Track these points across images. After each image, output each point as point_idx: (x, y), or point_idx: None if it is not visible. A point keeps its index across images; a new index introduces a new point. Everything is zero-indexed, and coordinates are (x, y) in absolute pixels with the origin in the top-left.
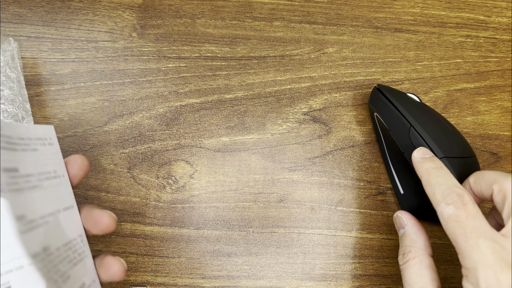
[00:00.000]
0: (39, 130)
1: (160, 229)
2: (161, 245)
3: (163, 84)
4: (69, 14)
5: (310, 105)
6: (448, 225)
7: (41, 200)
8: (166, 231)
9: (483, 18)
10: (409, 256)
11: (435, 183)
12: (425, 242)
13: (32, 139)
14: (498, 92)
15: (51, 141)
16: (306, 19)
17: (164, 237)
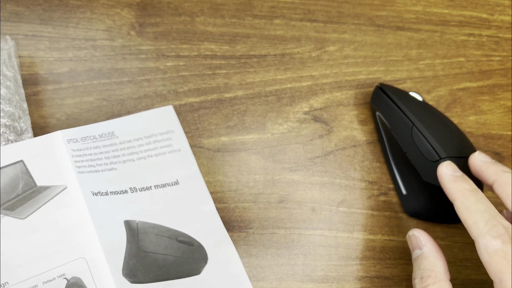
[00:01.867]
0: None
1: None
2: None
3: (162, 83)
4: (67, 13)
5: (311, 105)
6: (493, 260)
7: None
8: None
9: (485, 16)
10: (428, 281)
11: (475, 210)
12: (445, 266)
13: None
14: (501, 91)
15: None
16: (307, 17)
17: None
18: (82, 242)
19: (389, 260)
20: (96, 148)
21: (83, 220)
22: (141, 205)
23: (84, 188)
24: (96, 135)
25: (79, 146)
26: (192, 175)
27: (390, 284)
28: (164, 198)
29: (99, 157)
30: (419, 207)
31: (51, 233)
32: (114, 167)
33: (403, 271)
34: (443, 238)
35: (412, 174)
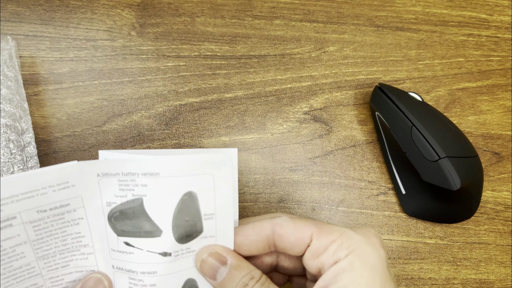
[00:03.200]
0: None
1: None
2: None
3: (162, 83)
4: (68, 13)
5: (310, 105)
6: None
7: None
8: None
9: (485, 16)
10: (251, 284)
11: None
12: (253, 265)
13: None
14: (500, 91)
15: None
16: (307, 17)
17: None
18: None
19: (388, 260)
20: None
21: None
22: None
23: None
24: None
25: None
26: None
27: None
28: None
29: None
30: (418, 206)
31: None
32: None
33: (403, 271)
34: (443, 237)
35: (411, 174)
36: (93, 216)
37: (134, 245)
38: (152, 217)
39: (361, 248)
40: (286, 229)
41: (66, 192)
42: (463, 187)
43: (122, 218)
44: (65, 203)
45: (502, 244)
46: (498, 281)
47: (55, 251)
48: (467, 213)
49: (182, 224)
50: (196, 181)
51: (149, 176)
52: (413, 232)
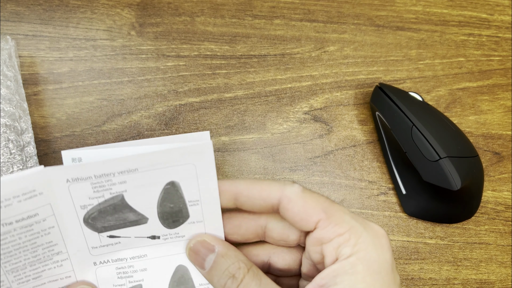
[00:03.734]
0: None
1: None
2: None
3: (162, 83)
4: (67, 12)
5: (311, 104)
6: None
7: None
8: None
9: (485, 16)
10: (241, 273)
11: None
12: (244, 256)
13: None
14: (501, 91)
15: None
16: (307, 17)
17: None
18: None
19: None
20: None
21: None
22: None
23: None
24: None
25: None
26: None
27: None
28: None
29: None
30: (418, 206)
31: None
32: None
33: (403, 271)
34: (443, 237)
35: (411, 174)
36: (65, 222)
37: (120, 235)
38: (136, 208)
39: (367, 250)
40: (293, 205)
41: (33, 202)
42: (463, 187)
43: (102, 216)
44: (33, 213)
45: (502, 244)
46: (499, 281)
47: (24, 263)
48: (468, 213)
49: (167, 211)
50: (178, 171)
51: (126, 173)
52: (414, 232)
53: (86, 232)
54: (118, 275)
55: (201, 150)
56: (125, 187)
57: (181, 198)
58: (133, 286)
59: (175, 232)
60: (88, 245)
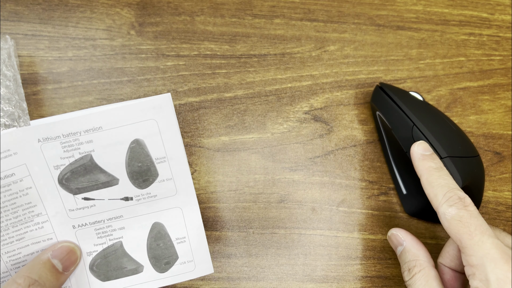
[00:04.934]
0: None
1: None
2: None
3: (162, 82)
4: (67, 12)
5: (311, 104)
6: (452, 225)
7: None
8: None
9: (486, 15)
10: (415, 271)
11: (437, 184)
12: (427, 255)
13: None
14: (501, 90)
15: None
16: (307, 16)
17: None
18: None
19: (389, 260)
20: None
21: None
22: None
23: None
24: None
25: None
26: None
27: (390, 284)
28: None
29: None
30: (419, 206)
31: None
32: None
33: None
34: (444, 238)
35: (412, 174)
36: (42, 183)
37: (94, 197)
38: (106, 169)
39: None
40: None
41: (9, 161)
42: (464, 187)
43: (74, 177)
44: (10, 173)
45: None
46: None
47: (7, 224)
48: None
49: (136, 170)
50: (140, 127)
51: (92, 132)
52: (414, 232)
53: (62, 193)
54: (98, 235)
55: (160, 103)
56: (92, 146)
57: (148, 156)
58: (113, 243)
59: (146, 192)
60: (65, 207)
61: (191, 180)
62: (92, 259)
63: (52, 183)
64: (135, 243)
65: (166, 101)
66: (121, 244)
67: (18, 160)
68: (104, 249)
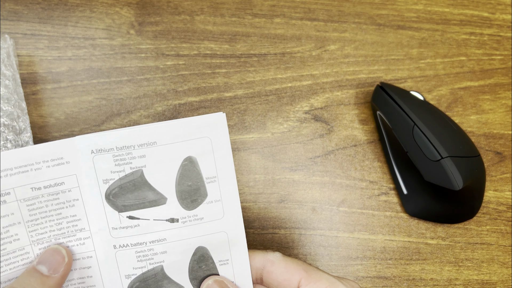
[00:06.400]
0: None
1: None
2: None
3: (162, 82)
4: (66, 11)
5: (311, 104)
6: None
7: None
8: None
9: (487, 15)
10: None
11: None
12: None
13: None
14: (502, 90)
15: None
16: (307, 16)
17: None
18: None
19: (390, 260)
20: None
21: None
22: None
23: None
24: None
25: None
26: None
27: (391, 284)
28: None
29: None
30: (420, 207)
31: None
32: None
33: (404, 271)
34: (444, 238)
35: (413, 174)
36: (89, 196)
37: (139, 217)
38: (155, 186)
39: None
40: (277, 267)
41: (60, 169)
42: (465, 187)
43: (122, 193)
44: (60, 182)
45: (504, 245)
46: (500, 282)
47: (50, 235)
48: (469, 214)
49: (185, 189)
50: (194, 145)
51: (146, 147)
52: (415, 233)
53: (108, 209)
54: (138, 258)
55: (215, 120)
56: (144, 162)
57: (199, 175)
58: (154, 267)
59: (193, 214)
60: (109, 225)
61: (239, 203)
62: (131, 282)
63: (99, 197)
64: (177, 267)
65: (221, 119)
66: (162, 268)
67: (69, 169)
68: (144, 273)
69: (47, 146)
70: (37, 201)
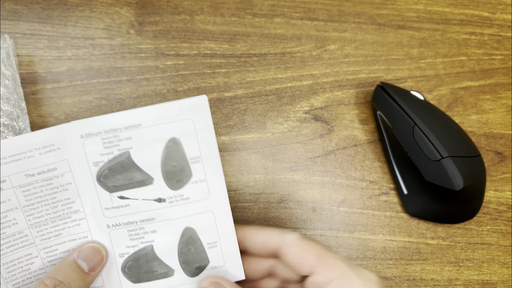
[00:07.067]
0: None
1: None
2: None
3: (161, 82)
4: (66, 11)
5: (311, 104)
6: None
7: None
8: None
9: (487, 15)
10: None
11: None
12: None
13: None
14: (503, 90)
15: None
16: (308, 15)
17: None
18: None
19: (390, 261)
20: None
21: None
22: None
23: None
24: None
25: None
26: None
27: (391, 284)
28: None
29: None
30: (420, 207)
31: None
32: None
33: (404, 272)
34: (445, 238)
35: (413, 174)
36: (81, 179)
37: (129, 196)
38: (142, 167)
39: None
40: (291, 250)
41: (52, 155)
42: (465, 187)
43: (112, 174)
44: (52, 167)
45: (504, 245)
46: (501, 282)
47: (46, 218)
48: (470, 214)
49: (171, 170)
50: (178, 126)
51: (131, 129)
52: (415, 233)
53: (100, 191)
54: (130, 236)
55: (197, 103)
56: (130, 143)
57: (183, 155)
58: (144, 247)
59: (179, 194)
60: (101, 205)
61: (224, 183)
62: (124, 261)
63: (90, 179)
64: (166, 247)
65: (203, 102)
66: (152, 248)
67: (61, 155)
68: (136, 252)
69: (38, 134)
70: (32, 187)
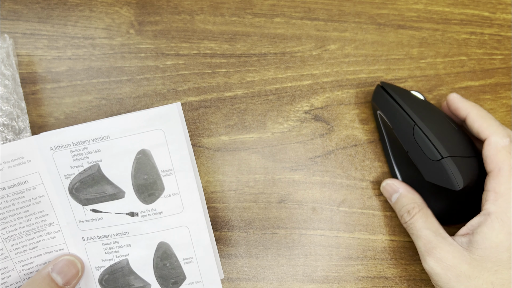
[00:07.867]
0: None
1: None
2: None
3: (161, 81)
4: (66, 11)
5: (311, 103)
6: (500, 153)
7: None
8: None
9: (487, 14)
10: (414, 211)
11: (490, 117)
12: (421, 198)
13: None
14: (503, 90)
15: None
16: (308, 15)
17: None
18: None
19: (390, 261)
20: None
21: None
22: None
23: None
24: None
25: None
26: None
27: (391, 284)
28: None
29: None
30: None
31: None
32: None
33: (405, 271)
34: None
35: (413, 174)
36: (54, 191)
37: (102, 210)
38: (112, 180)
39: (505, 213)
40: (487, 150)
41: (22, 168)
42: (466, 187)
43: (84, 187)
44: (23, 180)
45: None
46: None
47: (20, 232)
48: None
49: (142, 183)
50: (147, 137)
51: (100, 141)
52: None
53: (73, 203)
54: (105, 250)
55: (167, 112)
56: (100, 156)
57: (154, 168)
58: (120, 260)
59: (152, 208)
60: (75, 218)
61: (198, 196)
62: (101, 274)
63: (63, 192)
64: (141, 262)
65: (174, 111)
66: (127, 262)
67: (31, 167)
68: (111, 265)
69: (6, 147)
70: (3, 200)
